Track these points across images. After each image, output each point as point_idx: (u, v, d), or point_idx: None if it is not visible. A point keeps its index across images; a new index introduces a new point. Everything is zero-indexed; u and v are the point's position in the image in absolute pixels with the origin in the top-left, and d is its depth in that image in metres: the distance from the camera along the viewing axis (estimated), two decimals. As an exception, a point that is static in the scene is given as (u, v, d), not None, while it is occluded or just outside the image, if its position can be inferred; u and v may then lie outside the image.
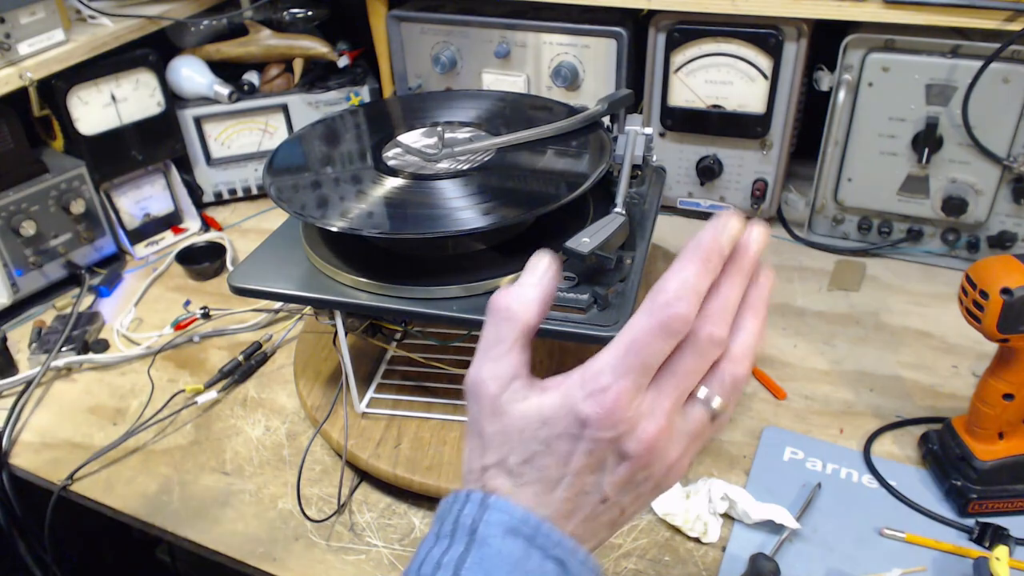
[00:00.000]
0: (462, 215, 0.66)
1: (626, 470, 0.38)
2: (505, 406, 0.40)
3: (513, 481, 0.39)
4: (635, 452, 0.37)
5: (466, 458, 0.42)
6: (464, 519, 0.38)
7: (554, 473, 0.38)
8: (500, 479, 0.39)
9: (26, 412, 0.86)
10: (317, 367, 0.84)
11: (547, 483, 0.38)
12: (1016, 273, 0.60)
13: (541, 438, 0.38)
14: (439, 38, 1.13)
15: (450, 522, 0.39)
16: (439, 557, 0.37)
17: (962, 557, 0.64)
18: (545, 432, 0.38)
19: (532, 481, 0.38)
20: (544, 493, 0.38)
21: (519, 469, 0.39)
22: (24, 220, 0.96)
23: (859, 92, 0.95)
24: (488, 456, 0.40)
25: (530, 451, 0.38)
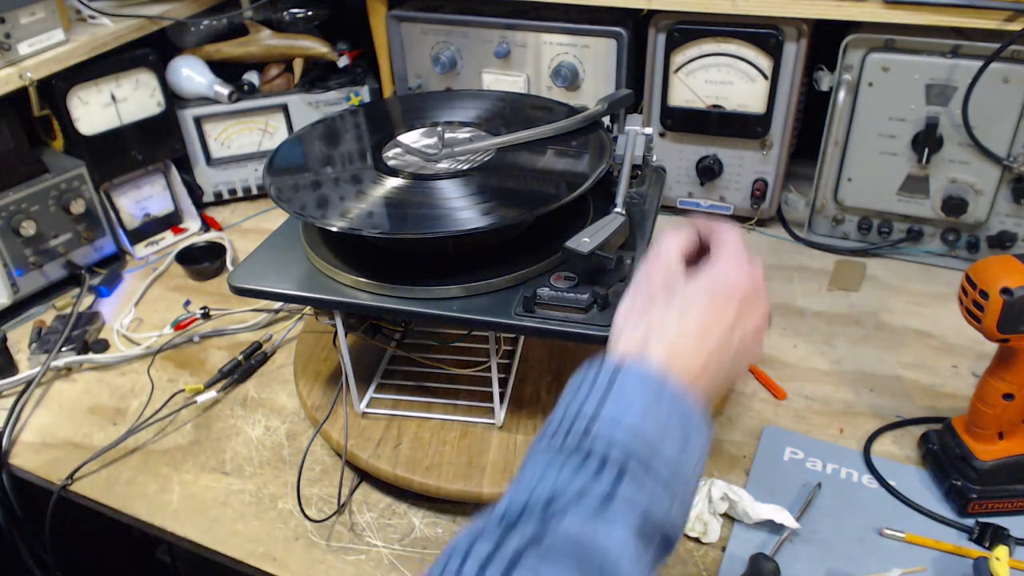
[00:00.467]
0: (462, 215, 0.66)
1: (752, 329, 0.51)
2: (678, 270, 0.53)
3: (665, 339, 0.48)
4: (761, 315, 0.52)
5: (620, 318, 0.52)
6: (602, 376, 0.46)
7: (710, 320, 0.49)
8: (657, 333, 0.49)
9: (26, 412, 0.86)
10: (317, 367, 0.84)
11: (700, 332, 0.49)
12: (1016, 273, 0.60)
13: (706, 296, 0.50)
14: (439, 38, 1.13)
15: (590, 377, 0.47)
16: (587, 393, 0.46)
17: (962, 557, 0.64)
18: (709, 290, 0.51)
19: (686, 332, 0.49)
20: (690, 349, 0.48)
21: (677, 324, 0.49)
22: (24, 220, 0.96)
23: (859, 92, 0.95)
24: (656, 309, 0.50)
25: (694, 299, 0.50)
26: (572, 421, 0.45)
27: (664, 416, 0.45)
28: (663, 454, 0.44)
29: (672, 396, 0.46)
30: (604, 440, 0.43)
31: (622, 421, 0.44)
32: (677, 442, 0.45)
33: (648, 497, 0.42)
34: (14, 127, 0.97)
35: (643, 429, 0.44)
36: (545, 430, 0.46)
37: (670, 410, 0.45)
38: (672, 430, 0.45)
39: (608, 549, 0.40)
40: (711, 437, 0.47)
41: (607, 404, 0.44)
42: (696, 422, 0.46)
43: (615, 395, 0.45)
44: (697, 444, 0.46)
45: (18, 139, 0.98)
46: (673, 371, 0.47)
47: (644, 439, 0.43)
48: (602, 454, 0.43)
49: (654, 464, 0.43)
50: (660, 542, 0.43)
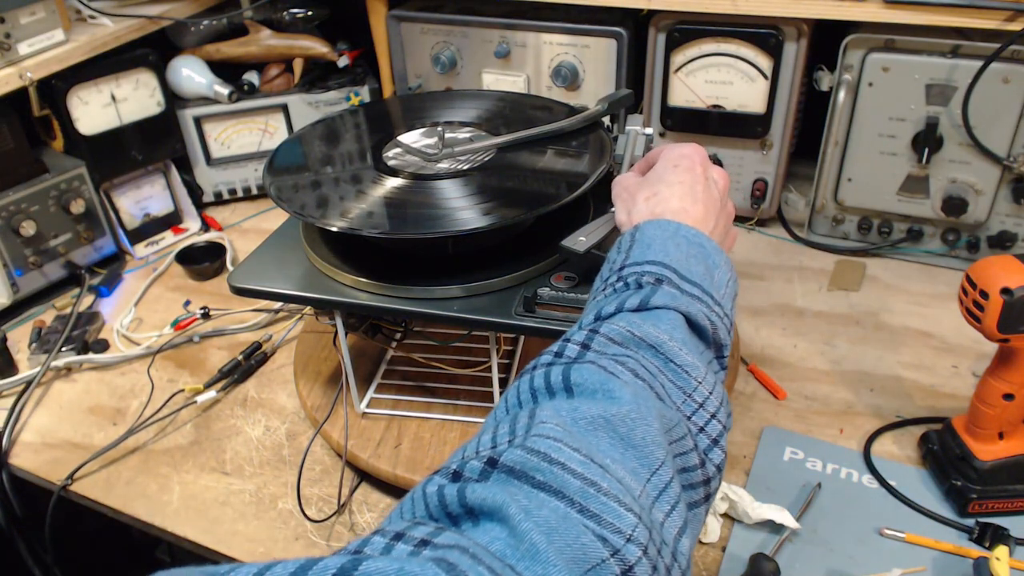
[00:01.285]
0: (462, 215, 0.66)
1: (723, 184, 0.60)
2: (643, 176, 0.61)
3: (663, 196, 0.55)
4: (721, 176, 0.60)
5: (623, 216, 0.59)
6: (624, 239, 0.53)
7: (686, 177, 0.56)
8: (654, 200, 0.56)
9: (26, 412, 0.86)
10: (317, 367, 0.84)
11: (684, 184, 0.56)
12: (1016, 273, 0.60)
13: (670, 164, 0.58)
14: (439, 38, 1.13)
15: (614, 249, 0.54)
16: (613, 258, 0.53)
17: (962, 557, 0.65)
18: (670, 162, 0.59)
19: (676, 193, 0.55)
20: (687, 200, 0.55)
21: (667, 189, 0.56)
22: (24, 220, 0.96)
23: (859, 92, 0.95)
24: (642, 191, 0.58)
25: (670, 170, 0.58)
26: (606, 279, 0.52)
27: (684, 248, 0.51)
28: (690, 276, 0.49)
29: (687, 232, 0.52)
30: (635, 274, 0.50)
31: (647, 257, 0.50)
32: (702, 267, 0.50)
33: (686, 303, 0.48)
34: (14, 127, 0.97)
35: (667, 259, 0.49)
36: (588, 301, 0.53)
37: (688, 244, 0.51)
38: (693, 259, 0.50)
39: (659, 330, 0.46)
40: (733, 268, 0.53)
41: (632, 254, 0.51)
42: (714, 250, 0.52)
43: (637, 244, 0.51)
44: (722, 273, 0.52)
45: (18, 139, 0.98)
46: (681, 219, 0.53)
47: (670, 267, 0.49)
48: (636, 282, 0.49)
49: (684, 283, 0.49)
50: (711, 341, 0.49)
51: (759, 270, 1.02)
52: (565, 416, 0.39)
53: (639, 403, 0.40)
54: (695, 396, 0.45)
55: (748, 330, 0.91)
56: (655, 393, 0.43)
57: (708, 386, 0.46)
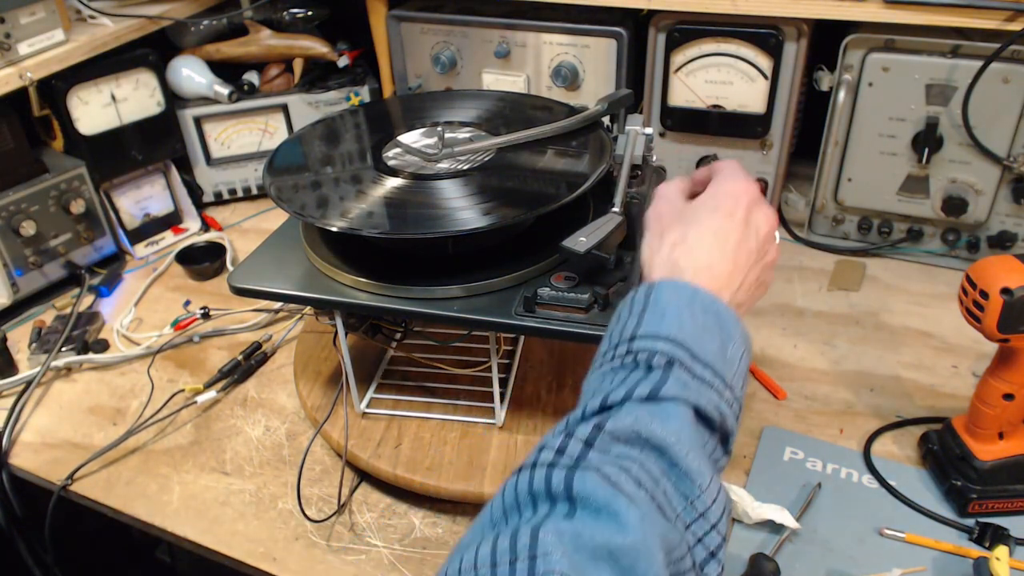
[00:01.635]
0: (462, 215, 0.66)
1: (766, 229, 0.55)
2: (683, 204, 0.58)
3: (691, 247, 0.53)
4: (768, 216, 0.55)
5: (646, 253, 0.56)
6: (638, 297, 0.50)
7: (724, 224, 0.53)
8: (681, 249, 0.53)
9: (26, 412, 0.86)
10: (317, 367, 0.84)
11: (718, 234, 0.53)
12: (1016, 273, 0.60)
13: (712, 205, 0.55)
14: (439, 38, 1.13)
15: (627, 306, 0.51)
16: (625, 320, 0.50)
17: (962, 557, 0.65)
18: (713, 202, 0.55)
19: (706, 244, 0.53)
20: (716, 254, 0.52)
21: (698, 238, 0.53)
22: (24, 220, 0.96)
23: (859, 92, 0.95)
24: (673, 232, 0.54)
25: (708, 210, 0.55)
26: (616, 345, 0.49)
27: (700, 319, 0.48)
28: (703, 356, 0.47)
29: (704, 300, 0.49)
30: (646, 352, 0.47)
31: (660, 332, 0.47)
32: (715, 344, 0.48)
33: (696, 391, 0.46)
34: (14, 127, 0.97)
35: (680, 335, 0.47)
36: (594, 361, 0.50)
37: (704, 314, 0.49)
38: (708, 332, 0.48)
39: (666, 430, 0.44)
40: (749, 341, 0.51)
41: (644, 321, 0.48)
42: (731, 321, 0.50)
43: (651, 311, 0.49)
44: (736, 347, 0.49)
45: (18, 139, 0.98)
46: (702, 279, 0.51)
47: (682, 344, 0.47)
48: (646, 362, 0.47)
49: (696, 365, 0.47)
50: (718, 433, 0.47)
51: (759, 270, 1.02)
52: (568, 543, 0.37)
53: (645, 532, 0.39)
54: (697, 504, 0.44)
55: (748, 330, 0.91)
56: (657, 505, 0.42)
57: (712, 494, 0.44)
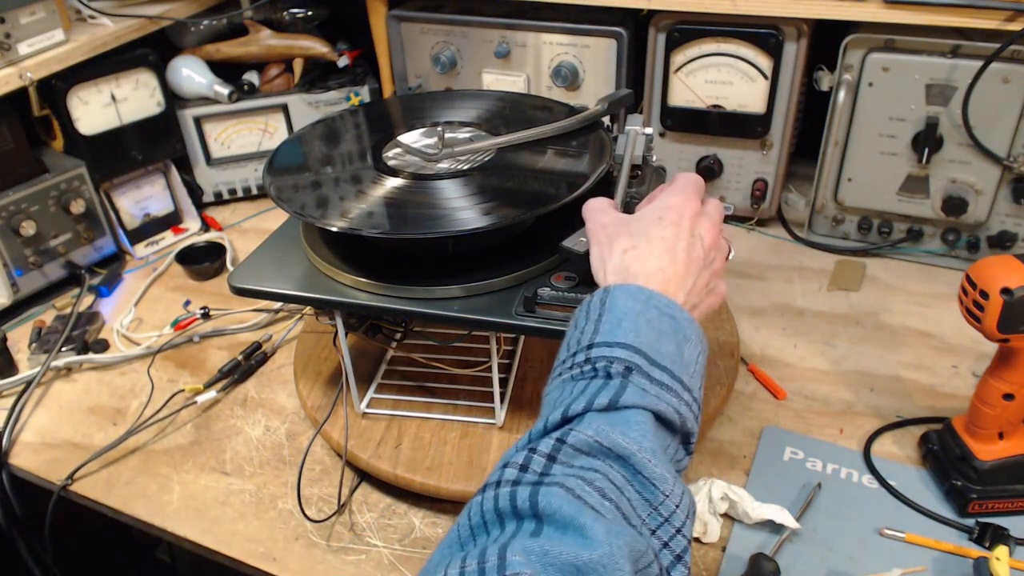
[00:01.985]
0: (462, 215, 0.66)
1: (710, 239, 0.56)
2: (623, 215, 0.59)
3: (641, 252, 0.53)
4: (711, 228, 0.56)
5: (597, 263, 0.57)
6: (594, 303, 0.51)
7: (670, 232, 0.54)
8: (632, 254, 0.54)
9: (26, 412, 0.86)
10: (317, 367, 0.84)
11: (666, 240, 0.54)
12: (1016, 273, 0.60)
13: (656, 215, 0.56)
14: (439, 38, 1.13)
15: (583, 312, 0.51)
16: (582, 327, 0.50)
17: (962, 557, 0.65)
18: (657, 212, 0.56)
19: (656, 249, 0.53)
20: (665, 258, 0.53)
21: (647, 244, 0.54)
22: (24, 220, 0.96)
23: (859, 92, 0.95)
24: (621, 241, 0.55)
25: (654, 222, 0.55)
26: (574, 353, 0.49)
27: (655, 322, 0.49)
28: (660, 360, 0.48)
29: (659, 302, 0.50)
30: (604, 359, 0.48)
31: (617, 339, 0.48)
32: (671, 346, 0.49)
33: (655, 397, 0.47)
34: (14, 127, 0.97)
35: (636, 341, 0.48)
36: (553, 369, 0.51)
37: (659, 316, 0.50)
38: (664, 335, 0.49)
39: (627, 437, 0.44)
40: (705, 341, 0.52)
41: (601, 328, 0.49)
42: (685, 322, 0.50)
43: (607, 317, 0.49)
44: (692, 348, 0.50)
45: (18, 139, 0.98)
46: (655, 282, 0.52)
47: (640, 350, 0.47)
48: (605, 370, 0.47)
49: (654, 370, 0.47)
50: (678, 435, 0.48)
51: (759, 270, 1.02)
52: (536, 561, 0.38)
53: (611, 544, 0.39)
54: (661, 510, 0.44)
55: (748, 330, 0.91)
56: (623, 514, 0.42)
57: (675, 498, 0.45)
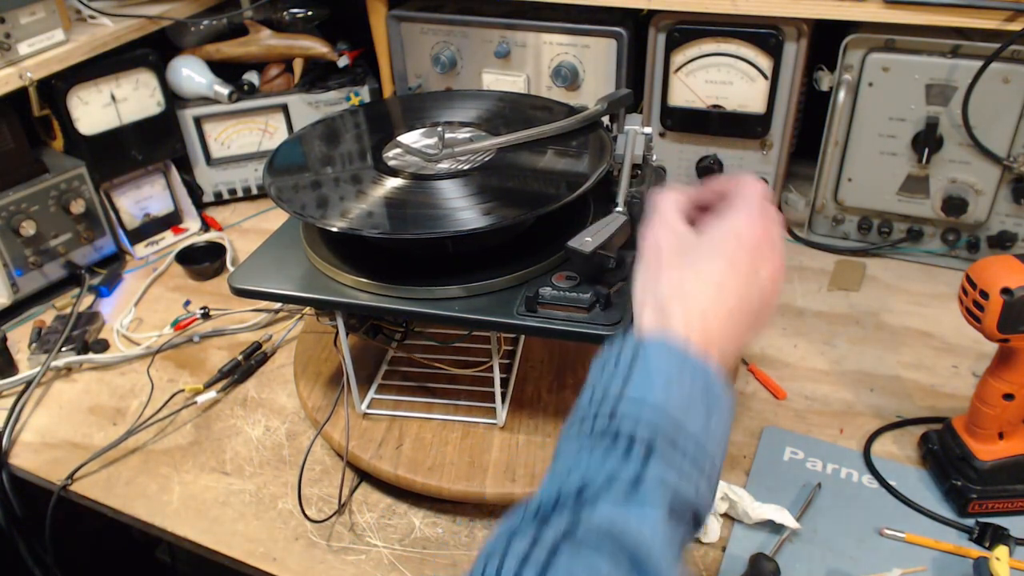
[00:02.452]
0: (462, 215, 0.66)
1: (767, 272, 0.50)
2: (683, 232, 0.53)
3: (684, 300, 0.49)
4: (769, 264, 0.50)
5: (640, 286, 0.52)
6: (626, 350, 0.47)
7: (725, 270, 0.49)
8: (677, 301, 0.49)
9: (26, 412, 0.86)
10: (317, 367, 0.84)
11: (718, 288, 0.49)
12: (1016, 273, 0.60)
13: (715, 248, 0.50)
14: (439, 38, 1.13)
15: (613, 357, 0.47)
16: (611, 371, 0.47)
17: (962, 557, 0.65)
18: (717, 245, 0.50)
19: (706, 293, 0.48)
20: (711, 306, 0.48)
21: (697, 283, 0.49)
22: (24, 220, 0.96)
23: (859, 92, 0.95)
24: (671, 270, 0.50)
25: (715, 247, 0.50)
26: (599, 404, 0.45)
27: (687, 387, 0.45)
28: (688, 429, 0.44)
29: (694, 366, 0.46)
30: (631, 420, 0.44)
31: (647, 400, 0.44)
32: (701, 415, 0.45)
33: (677, 475, 0.43)
34: (14, 127, 0.97)
35: (667, 405, 0.44)
36: (575, 414, 0.47)
37: (692, 381, 0.46)
38: (696, 402, 0.45)
39: (641, 534, 0.41)
40: (733, 405, 0.48)
41: (631, 383, 0.45)
42: (718, 392, 0.47)
43: (638, 371, 0.46)
44: (721, 417, 0.47)
45: (18, 139, 0.98)
46: (694, 337, 0.47)
47: (669, 416, 0.44)
48: (629, 434, 0.44)
49: (680, 440, 0.44)
50: (690, 519, 0.45)
51: (759, 270, 1.02)
52: None
53: None
54: None
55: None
56: None
57: None
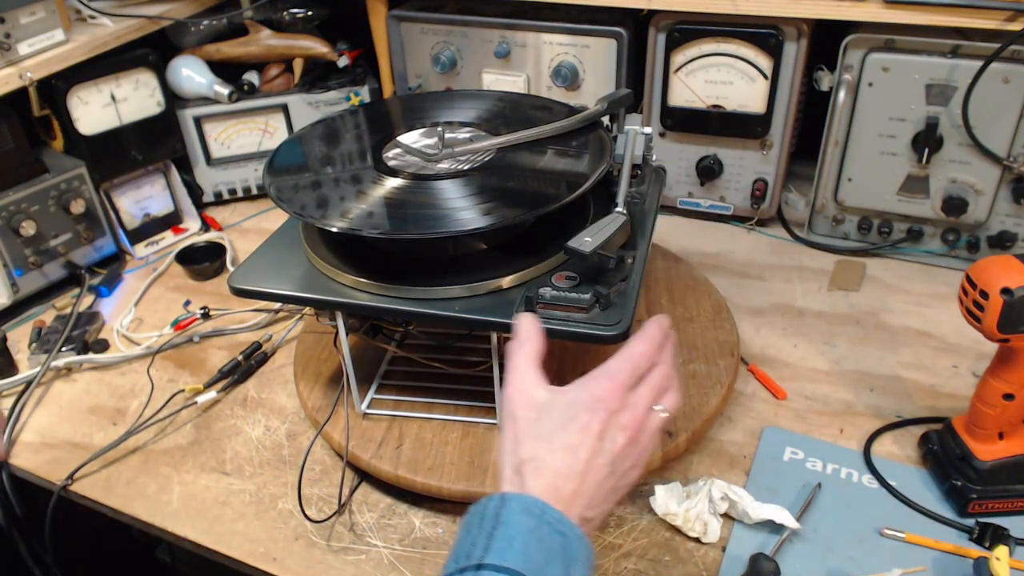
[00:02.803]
0: (462, 215, 0.66)
1: (623, 440, 0.52)
2: (541, 396, 0.55)
3: (539, 466, 0.51)
4: (629, 425, 0.53)
5: (502, 451, 0.55)
6: (489, 512, 0.50)
7: (575, 440, 0.51)
8: (530, 466, 0.51)
9: (26, 412, 0.86)
10: (317, 368, 0.84)
11: (569, 451, 0.51)
12: (1016, 273, 0.60)
13: (568, 415, 0.53)
14: (439, 38, 1.13)
15: (478, 516, 0.50)
16: (475, 535, 0.49)
17: (962, 557, 0.65)
18: (571, 411, 0.53)
19: (555, 463, 0.51)
20: (563, 474, 0.51)
21: (549, 454, 0.51)
22: (24, 220, 0.96)
23: (859, 92, 0.95)
24: (527, 442, 0.53)
25: (564, 423, 0.52)
26: (462, 570, 0.48)
27: (546, 542, 0.48)
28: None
29: (551, 518, 0.49)
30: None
31: (506, 562, 0.47)
32: (559, 568, 0.48)
33: None
34: (14, 127, 0.97)
35: (526, 567, 0.47)
36: (443, 570, 0.49)
37: (551, 534, 0.49)
38: (554, 557, 0.48)
39: None
40: (592, 558, 0.51)
41: (493, 546, 0.48)
42: (575, 542, 0.49)
43: (500, 532, 0.48)
44: (579, 567, 0.49)
45: (18, 139, 0.98)
46: (550, 499, 0.50)
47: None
48: None
49: None
50: None
51: (759, 270, 1.02)
52: None
53: None
54: None
55: (748, 330, 0.91)
56: None
57: None
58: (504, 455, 0.54)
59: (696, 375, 0.80)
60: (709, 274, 0.97)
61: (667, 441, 0.72)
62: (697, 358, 0.82)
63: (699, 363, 0.81)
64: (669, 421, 0.56)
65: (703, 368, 0.80)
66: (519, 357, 0.57)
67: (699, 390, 0.78)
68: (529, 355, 0.57)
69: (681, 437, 0.73)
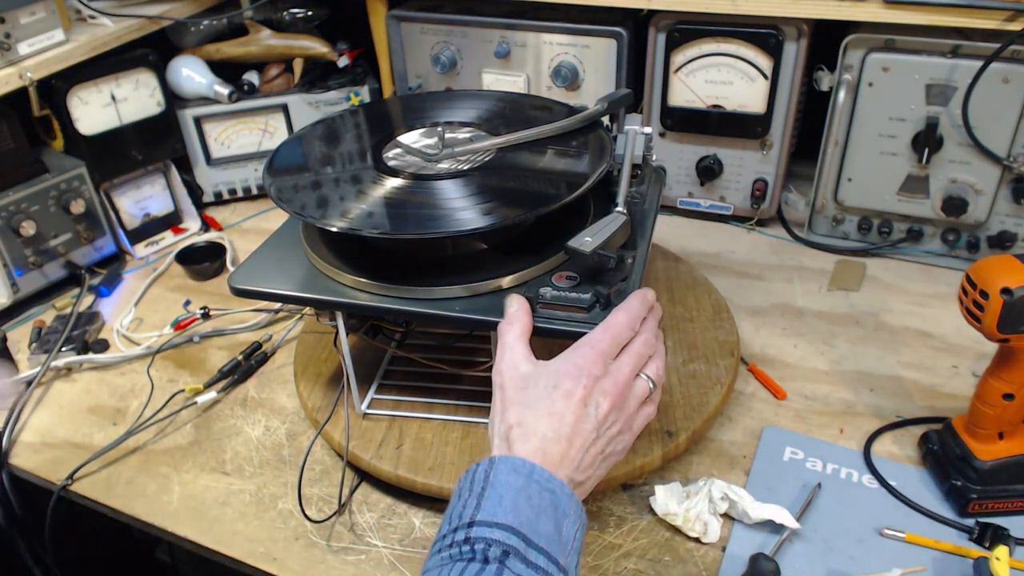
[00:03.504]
0: (463, 215, 0.66)
1: (608, 405, 0.54)
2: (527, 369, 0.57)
3: (526, 431, 0.53)
4: (612, 390, 0.55)
5: (491, 421, 0.57)
6: (478, 475, 0.51)
7: (560, 406, 0.53)
8: (517, 431, 0.53)
9: (26, 412, 0.86)
10: (318, 368, 0.84)
11: (554, 416, 0.53)
12: (1016, 273, 0.61)
13: (552, 383, 0.55)
14: (439, 38, 1.13)
15: (468, 480, 0.52)
16: (466, 499, 0.50)
17: (962, 557, 0.65)
18: (554, 379, 0.55)
19: (541, 428, 0.53)
20: (549, 438, 0.52)
21: (534, 420, 0.53)
22: (24, 220, 0.96)
23: (859, 92, 0.95)
24: (513, 410, 0.55)
25: (548, 391, 0.54)
26: (455, 529, 0.49)
27: (536, 499, 0.50)
28: (538, 540, 0.48)
29: (540, 477, 0.51)
30: (483, 541, 0.48)
31: (497, 518, 0.48)
32: (551, 524, 0.49)
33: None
34: (14, 127, 0.97)
35: (516, 522, 0.48)
36: (435, 542, 0.50)
37: (541, 492, 0.50)
38: (545, 513, 0.50)
39: None
40: (583, 516, 0.52)
41: (483, 505, 0.49)
42: (565, 500, 0.51)
43: (489, 492, 0.50)
44: (571, 523, 0.51)
45: (18, 139, 0.98)
46: (537, 460, 0.51)
47: (519, 532, 0.48)
48: (483, 552, 0.47)
49: (531, 552, 0.48)
50: None
51: (759, 270, 1.02)
52: None
53: None
54: None
55: (748, 330, 0.91)
56: None
57: None
58: (492, 425, 0.56)
59: (696, 375, 0.80)
60: (709, 274, 0.97)
61: (667, 441, 0.72)
62: (697, 358, 0.82)
63: (699, 363, 0.81)
64: (658, 393, 0.59)
65: (703, 368, 0.80)
66: (509, 336, 0.59)
67: (699, 390, 0.78)
68: (518, 334, 0.59)
69: (681, 437, 0.73)
